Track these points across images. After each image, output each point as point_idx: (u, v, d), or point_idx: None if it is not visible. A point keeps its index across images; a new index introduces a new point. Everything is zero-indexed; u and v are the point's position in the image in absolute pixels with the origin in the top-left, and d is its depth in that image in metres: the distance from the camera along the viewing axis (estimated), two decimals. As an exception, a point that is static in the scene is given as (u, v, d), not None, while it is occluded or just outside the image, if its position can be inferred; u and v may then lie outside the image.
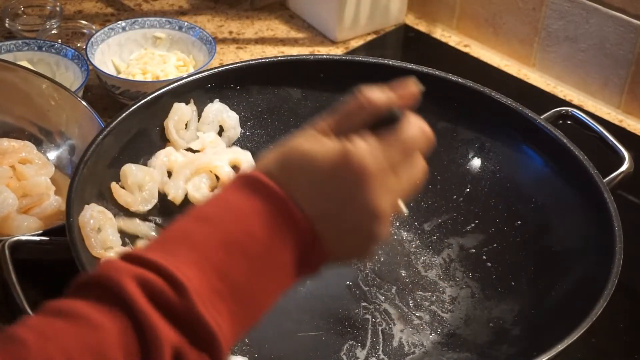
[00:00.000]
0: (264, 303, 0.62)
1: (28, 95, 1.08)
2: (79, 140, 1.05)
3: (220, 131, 1.02)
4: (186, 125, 1.00)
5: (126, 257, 0.58)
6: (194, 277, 0.57)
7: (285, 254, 0.61)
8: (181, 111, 0.98)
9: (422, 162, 0.67)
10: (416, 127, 0.65)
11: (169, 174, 0.96)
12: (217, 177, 0.96)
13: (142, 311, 0.54)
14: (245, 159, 0.97)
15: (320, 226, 0.62)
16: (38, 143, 1.06)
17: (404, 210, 0.67)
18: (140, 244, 0.90)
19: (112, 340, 0.54)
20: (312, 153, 0.63)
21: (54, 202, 0.98)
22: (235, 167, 0.96)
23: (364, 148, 0.63)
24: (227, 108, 1.02)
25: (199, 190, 0.94)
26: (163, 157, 0.97)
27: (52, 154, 1.06)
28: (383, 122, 0.65)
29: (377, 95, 0.65)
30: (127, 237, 0.90)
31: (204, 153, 0.97)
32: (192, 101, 1.00)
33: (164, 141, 0.99)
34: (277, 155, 0.64)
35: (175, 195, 0.94)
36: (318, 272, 0.64)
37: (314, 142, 0.64)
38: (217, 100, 1.02)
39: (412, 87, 0.67)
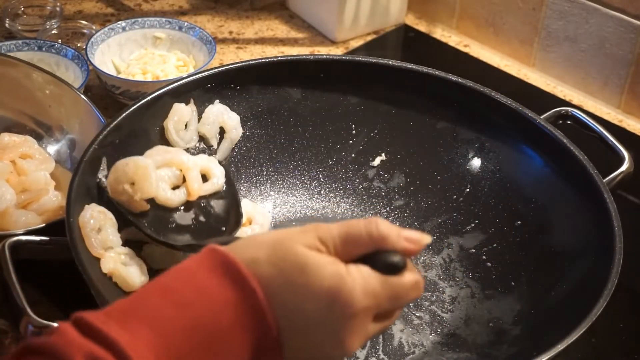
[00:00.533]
0: None
1: (29, 90, 1.08)
2: (79, 135, 1.05)
3: (222, 132, 1.02)
4: (186, 125, 1.00)
5: (82, 326, 0.56)
6: None
7: (245, 354, 0.59)
8: (181, 112, 0.98)
9: (398, 313, 0.66)
10: (413, 281, 0.64)
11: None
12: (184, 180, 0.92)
13: None
14: (217, 173, 0.93)
15: (285, 335, 0.60)
16: (38, 138, 1.06)
17: None
18: (147, 249, 0.90)
19: None
20: (308, 264, 0.60)
21: (52, 197, 0.98)
22: (204, 176, 0.94)
23: (359, 284, 0.61)
24: (228, 109, 1.02)
25: (162, 180, 0.90)
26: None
27: (52, 149, 1.06)
28: (378, 263, 0.63)
29: (392, 233, 0.63)
30: (133, 244, 0.89)
31: (183, 152, 0.95)
32: (192, 101, 1.00)
33: (164, 141, 0.99)
34: (271, 244, 0.61)
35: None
36: None
37: (314, 254, 0.61)
38: (217, 100, 1.01)
39: (425, 241, 0.65)
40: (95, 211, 0.87)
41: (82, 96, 1.06)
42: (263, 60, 1.04)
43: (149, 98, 0.97)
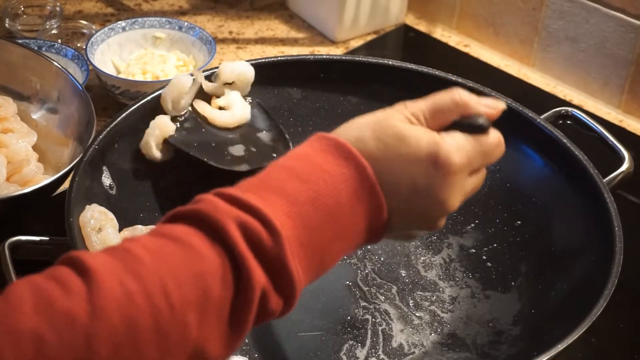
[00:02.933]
0: (330, 265, 0.65)
1: (8, 64, 1.10)
2: (58, 105, 1.08)
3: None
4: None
5: (224, 197, 0.60)
6: (286, 226, 0.60)
7: (361, 224, 0.65)
8: (181, 85, 0.97)
9: (485, 171, 0.71)
10: (497, 139, 0.69)
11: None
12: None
13: (242, 255, 0.58)
14: (237, 106, 0.99)
15: (391, 203, 0.65)
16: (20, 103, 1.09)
17: None
18: None
19: (213, 271, 0.57)
20: (406, 134, 0.66)
21: (34, 168, 0.99)
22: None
23: (454, 145, 0.66)
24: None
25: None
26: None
27: (36, 115, 1.08)
28: (465, 127, 0.68)
29: (472, 99, 0.69)
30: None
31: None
32: (198, 73, 0.98)
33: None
34: (371, 124, 0.67)
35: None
36: (376, 242, 0.68)
37: (410, 126, 0.67)
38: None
39: (501, 106, 0.71)
40: (96, 211, 0.87)
41: (54, 63, 1.08)
42: (263, 60, 1.04)
43: (149, 98, 0.97)
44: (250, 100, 1.01)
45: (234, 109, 0.99)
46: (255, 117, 1.00)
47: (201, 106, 0.98)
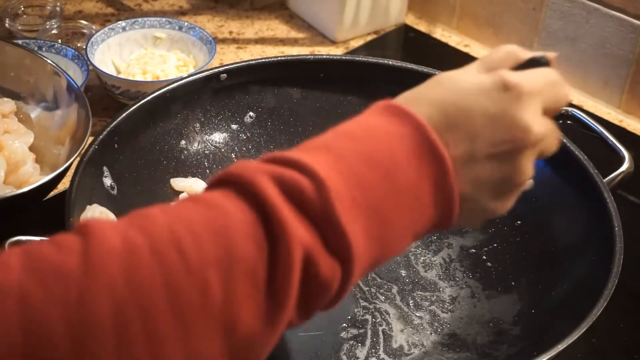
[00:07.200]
0: (397, 238, 0.56)
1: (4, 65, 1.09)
2: (54, 104, 1.07)
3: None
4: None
5: (261, 159, 0.54)
6: (335, 181, 0.52)
7: (425, 189, 0.56)
8: None
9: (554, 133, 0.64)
10: (557, 73, 0.64)
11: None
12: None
13: (274, 207, 0.50)
14: None
15: (463, 148, 0.58)
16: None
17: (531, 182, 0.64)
18: None
19: (239, 227, 0.49)
20: (465, 75, 0.60)
21: (31, 168, 0.99)
22: None
23: (518, 74, 0.60)
24: None
25: None
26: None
27: (33, 114, 1.08)
28: (526, 63, 0.64)
29: (520, 49, 0.64)
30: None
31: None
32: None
33: (162, 141, 0.99)
34: (420, 86, 0.60)
35: None
36: (450, 224, 0.59)
37: (464, 72, 0.61)
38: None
39: (551, 55, 0.66)
40: (97, 212, 0.87)
41: (48, 60, 1.07)
42: (263, 60, 1.04)
43: (149, 98, 0.97)
44: None
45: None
46: None
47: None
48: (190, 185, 0.99)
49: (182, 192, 0.98)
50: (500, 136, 0.58)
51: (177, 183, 0.99)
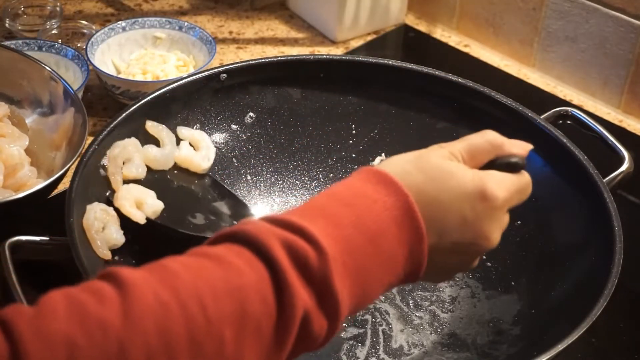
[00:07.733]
0: (372, 292, 0.64)
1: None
2: (49, 108, 1.06)
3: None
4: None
5: (268, 220, 0.60)
6: (333, 249, 0.60)
7: (401, 254, 0.64)
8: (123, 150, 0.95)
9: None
10: (529, 178, 0.72)
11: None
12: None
13: (284, 272, 0.57)
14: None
15: (433, 238, 0.65)
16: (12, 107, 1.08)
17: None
18: None
19: (252, 286, 0.56)
20: (452, 169, 0.67)
21: (28, 172, 0.99)
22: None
23: (497, 180, 0.68)
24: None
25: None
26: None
27: (28, 120, 1.07)
28: (501, 166, 0.70)
29: (505, 140, 0.71)
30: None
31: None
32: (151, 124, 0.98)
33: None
34: (415, 159, 0.67)
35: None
36: (416, 281, 0.67)
37: (455, 162, 0.68)
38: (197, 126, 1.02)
39: (529, 147, 0.73)
40: (98, 210, 0.87)
41: (46, 66, 1.07)
42: (263, 60, 1.04)
43: (149, 98, 0.97)
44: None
45: (206, 151, 0.99)
46: (207, 188, 0.99)
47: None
48: (193, 135, 1.00)
49: (185, 139, 0.99)
50: (466, 239, 0.67)
51: (183, 131, 1.00)
